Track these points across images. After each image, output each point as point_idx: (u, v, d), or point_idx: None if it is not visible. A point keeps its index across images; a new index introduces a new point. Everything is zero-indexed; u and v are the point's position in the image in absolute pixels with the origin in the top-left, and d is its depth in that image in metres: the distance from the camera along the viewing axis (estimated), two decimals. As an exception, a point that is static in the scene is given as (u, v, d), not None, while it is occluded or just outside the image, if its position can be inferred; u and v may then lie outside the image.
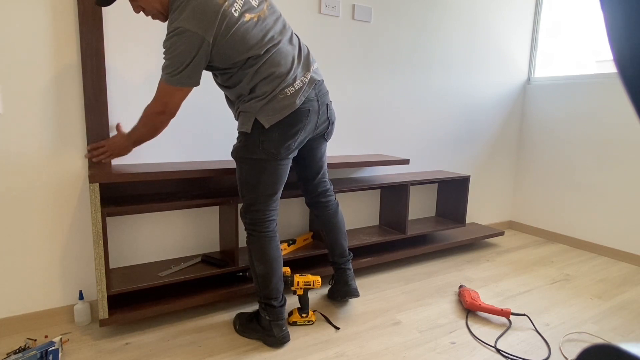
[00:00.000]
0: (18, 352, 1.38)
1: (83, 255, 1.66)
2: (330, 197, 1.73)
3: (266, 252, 1.47)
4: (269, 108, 1.35)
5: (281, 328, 1.49)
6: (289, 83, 1.37)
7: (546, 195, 2.93)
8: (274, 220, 1.50)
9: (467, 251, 2.62)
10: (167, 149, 1.78)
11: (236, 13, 1.29)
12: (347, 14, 2.15)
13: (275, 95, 1.35)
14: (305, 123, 1.42)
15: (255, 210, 1.46)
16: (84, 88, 1.54)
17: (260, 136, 1.38)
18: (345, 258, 1.77)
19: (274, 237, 1.50)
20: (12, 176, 1.49)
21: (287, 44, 1.40)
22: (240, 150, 1.43)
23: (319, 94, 1.46)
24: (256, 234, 1.48)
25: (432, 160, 2.68)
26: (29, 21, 1.44)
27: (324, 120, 1.52)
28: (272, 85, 1.35)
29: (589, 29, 2.89)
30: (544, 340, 1.59)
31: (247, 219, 1.48)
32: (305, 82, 1.41)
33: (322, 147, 1.64)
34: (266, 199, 1.46)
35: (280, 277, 1.51)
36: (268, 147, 1.38)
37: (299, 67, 1.41)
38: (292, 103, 1.37)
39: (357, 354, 1.47)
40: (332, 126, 1.58)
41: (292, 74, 1.38)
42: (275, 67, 1.35)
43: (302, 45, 1.47)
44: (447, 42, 2.56)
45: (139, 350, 1.46)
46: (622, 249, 2.53)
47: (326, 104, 1.50)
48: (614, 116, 2.52)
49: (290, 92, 1.37)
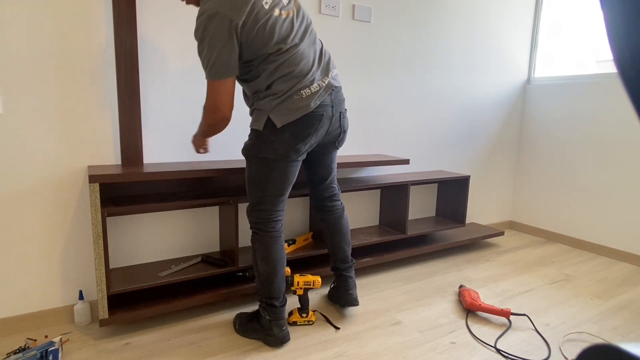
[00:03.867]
0: (18, 352, 1.38)
1: (83, 255, 1.66)
2: (336, 202, 1.72)
3: (270, 252, 1.47)
4: (283, 108, 1.35)
5: (281, 328, 1.49)
6: (305, 85, 1.36)
7: (546, 195, 2.93)
8: (279, 220, 1.49)
9: (467, 251, 2.62)
10: (167, 148, 1.78)
11: (267, 6, 1.30)
12: (347, 14, 2.15)
13: (291, 95, 1.35)
14: (317, 127, 1.41)
15: (261, 210, 1.46)
16: (118, 88, 1.58)
17: (270, 135, 1.37)
18: (347, 264, 1.74)
19: (279, 237, 1.49)
20: (12, 176, 1.49)
21: (309, 45, 1.40)
22: (251, 148, 1.42)
23: (334, 101, 1.46)
24: (261, 233, 1.47)
25: (432, 160, 2.68)
26: (29, 17, 1.44)
27: (337, 127, 1.51)
28: (288, 84, 1.34)
29: (589, 29, 2.89)
30: (544, 340, 1.59)
31: (253, 218, 1.48)
32: (322, 86, 1.41)
33: (332, 154, 1.64)
34: (273, 199, 1.45)
35: (282, 277, 1.50)
36: (277, 147, 1.38)
37: (318, 70, 1.41)
38: (307, 105, 1.36)
39: (357, 354, 1.47)
40: (344, 135, 1.57)
41: (310, 76, 1.38)
42: (294, 67, 1.34)
43: (324, 50, 1.47)
44: (447, 42, 2.56)
45: (139, 350, 1.46)
46: (622, 249, 2.53)
47: (340, 112, 1.50)
48: (614, 116, 2.52)
49: (306, 94, 1.36)
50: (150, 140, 1.73)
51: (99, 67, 1.58)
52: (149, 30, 1.66)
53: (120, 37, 1.56)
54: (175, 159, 1.81)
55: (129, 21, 1.57)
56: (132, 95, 1.62)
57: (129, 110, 1.62)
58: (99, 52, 1.57)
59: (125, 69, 1.59)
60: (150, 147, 1.74)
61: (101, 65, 1.58)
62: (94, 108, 1.60)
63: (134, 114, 1.63)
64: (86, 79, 1.57)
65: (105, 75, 1.60)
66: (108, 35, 1.58)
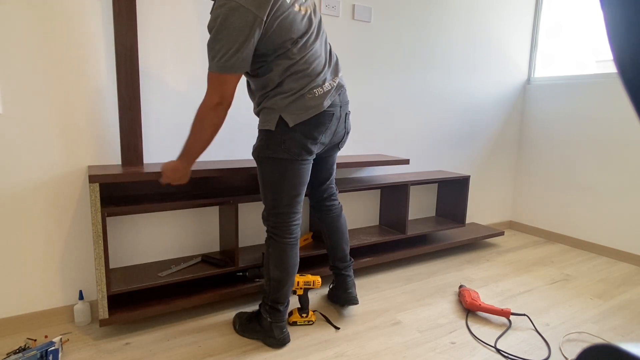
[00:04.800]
0: (18, 352, 1.38)
1: (83, 255, 1.66)
2: (334, 201, 1.72)
3: (285, 260, 1.45)
4: (296, 106, 1.33)
5: (282, 329, 1.49)
6: (318, 84, 1.36)
7: (546, 195, 2.93)
8: (297, 225, 1.47)
9: (467, 251, 2.62)
10: (167, 149, 1.78)
11: (288, 0, 1.28)
12: (347, 14, 2.15)
13: (304, 94, 1.34)
14: (327, 126, 1.41)
15: (278, 214, 1.43)
16: (118, 88, 1.58)
17: (282, 135, 1.35)
18: (346, 263, 1.74)
19: (296, 245, 1.47)
20: (12, 176, 1.49)
21: (322, 46, 1.40)
22: (262, 150, 1.39)
23: (342, 101, 1.46)
24: (278, 239, 1.44)
25: (432, 160, 2.68)
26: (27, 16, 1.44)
27: (342, 128, 1.51)
28: (301, 82, 1.33)
29: (589, 29, 2.89)
30: (544, 340, 1.59)
31: (270, 222, 1.45)
32: (333, 85, 1.41)
33: (334, 155, 1.65)
34: (290, 200, 1.43)
35: (292, 283, 1.49)
36: (290, 146, 1.36)
37: (329, 70, 1.41)
38: (320, 104, 1.36)
39: (357, 354, 1.47)
40: (347, 136, 1.58)
41: (322, 75, 1.37)
42: (308, 65, 1.34)
43: (332, 51, 1.48)
44: (447, 42, 2.56)
45: (139, 350, 1.46)
46: (622, 249, 2.53)
47: (346, 113, 1.50)
48: (614, 116, 2.52)
49: (319, 93, 1.36)
50: (150, 140, 1.73)
51: (99, 67, 1.58)
52: (149, 30, 1.66)
53: (120, 37, 1.56)
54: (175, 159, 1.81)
55: (129, 20, 1.56)
56: (132, 96, 1.62)
57: (129, 110, 1.62)
58: (99, 51, 1.57)
59: (125, 69, 1.59)
60: (150, 147, 1.74)
61: (101, 65, 1.58)
62: (94, 108, 1.60)
63: (134, 114, 1.63)
64: (86, 79, 1.57)
65: (106, 75, 1.60)
66: (108, 34, 1.58)
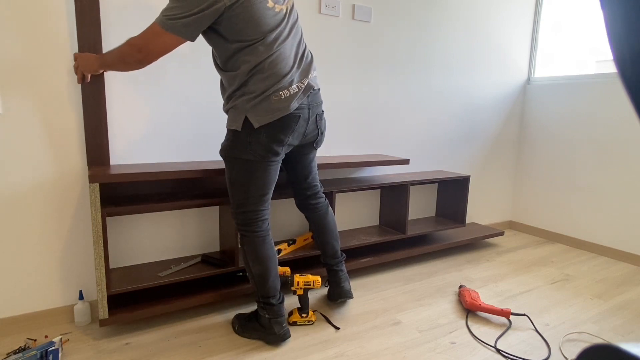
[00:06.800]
0: (18, 352, 1.38)
1: (83, 255, 1.66)
2: (319, 199, 1.73)
3: (260, 252, 1.47)
4: (261, 108, 1.34)
5: (281, 325, 1.49)
6: (284, 86, 1.36)
7: (546, 195, 2.93)
8: (265, 219, 1.50)
9: (467, 251, 2.62)
10: (167, 148, 1.78)
11: None
12: (347, 14, 2.15)
13: (269, 96, 1.34)
14: (293, 129, 1.41)
15: (246, 212, 1.46)
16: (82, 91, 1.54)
17: (248, 136, 1.37)
18: (337, 259, 1.77)
19: (267, 236, 1.50)
20: (13, 176, 1.49)
21: (292, 46, 1.40)
22: (229, 150, 1.42)
23: (311, 103, 1.45)
24: (249, 234, 1.48)
25: (432, 160, 2.68)
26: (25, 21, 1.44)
27: (313, 129, 1.51)
28: (266, 83, 1.33)
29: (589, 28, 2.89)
30: (544, 340, 1.59)
31: (239, 220, 1.48)
32: (301, 88, 1.40)
33: (311, 154, 1.64)
34: (257, 199, 1.46)
35: (276, 275, 1.51)
36: (256, 148, 1.37)
37: (297, 72, 1.40)
38: (286, 107, 1.36)
39: (357, 354, 1.47)
40: (322, 136, 1.58)
41: (289, 77, 1.37)
42: (274, 66, 1.33)
43: (307, 51, 1.47)
44: (447, 42, 2.56)
45: (139, 350, 1.46)
46: (622, 249, 2.53)
47: (317, 114, 1.50)
48: (614, 116, 2.52)
49: (285, 95, 1.36)
50: (150, 140, 1.73)
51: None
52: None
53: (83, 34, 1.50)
54: (176, 159, 1.81)
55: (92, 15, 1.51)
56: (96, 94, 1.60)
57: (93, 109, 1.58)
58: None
59: None
60: (150, 147, 1.74)
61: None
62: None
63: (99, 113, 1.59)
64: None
65: (105, 74, 1.60)
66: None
